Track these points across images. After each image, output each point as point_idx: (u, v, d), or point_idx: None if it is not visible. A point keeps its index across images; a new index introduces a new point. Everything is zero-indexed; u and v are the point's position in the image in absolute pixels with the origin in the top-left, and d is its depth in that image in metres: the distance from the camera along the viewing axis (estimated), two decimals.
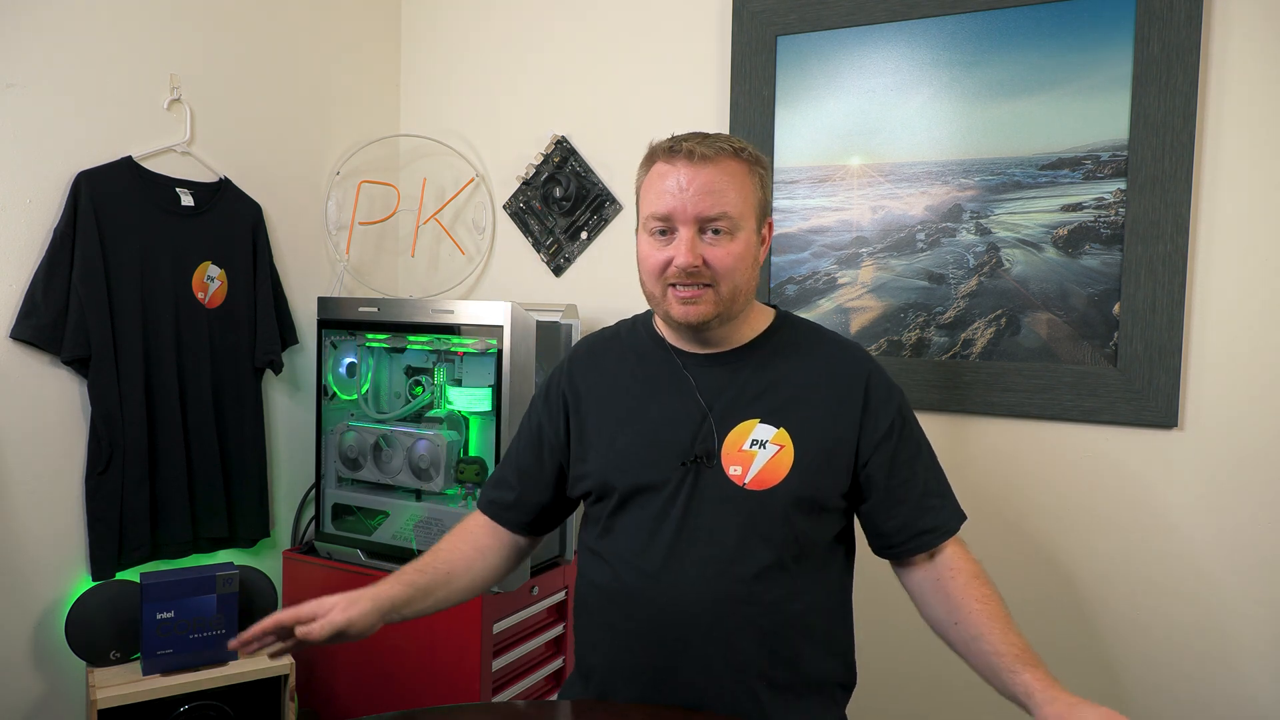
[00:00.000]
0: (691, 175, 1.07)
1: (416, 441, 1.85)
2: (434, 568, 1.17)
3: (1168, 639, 1.60)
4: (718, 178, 1.07)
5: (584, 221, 2.16)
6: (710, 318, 1.10)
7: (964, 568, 1.11)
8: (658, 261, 1.09)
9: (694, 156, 1.07)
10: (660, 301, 1.12)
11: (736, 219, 1.08)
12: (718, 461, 1.11)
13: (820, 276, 1.85)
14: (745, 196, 1.09)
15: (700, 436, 1.12)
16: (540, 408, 1.26)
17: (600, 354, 1.25)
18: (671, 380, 1.16)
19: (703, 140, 1.09)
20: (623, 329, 1.27)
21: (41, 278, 1.59)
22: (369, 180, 2.24)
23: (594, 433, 1.19)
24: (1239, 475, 1.54)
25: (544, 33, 2.18)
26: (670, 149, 1.10)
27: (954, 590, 1.09)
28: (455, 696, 1.72)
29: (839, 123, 1.82)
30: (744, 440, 1.11)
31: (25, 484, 1.60)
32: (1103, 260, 1.61)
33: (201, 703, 1.63)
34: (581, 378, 1.23)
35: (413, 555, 1.82)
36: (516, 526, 1.26)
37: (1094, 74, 1.60)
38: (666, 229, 1.09)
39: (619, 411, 1.18)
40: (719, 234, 1.08)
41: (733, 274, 1.08)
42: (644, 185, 1.13)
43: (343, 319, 1.94)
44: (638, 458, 1.14)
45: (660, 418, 1.15)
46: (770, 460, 1.10)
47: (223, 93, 1.91)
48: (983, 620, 1.04)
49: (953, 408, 1.74)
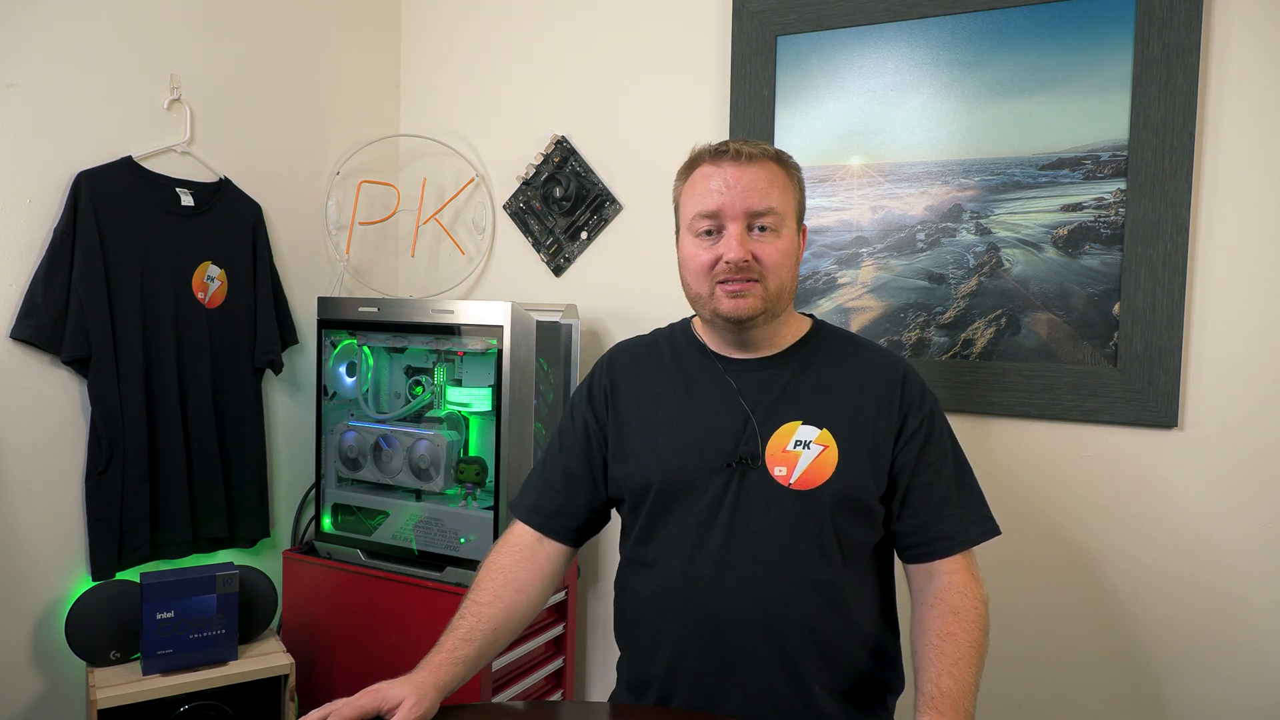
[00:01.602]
0: (738, 174, 1.10)
1: (416, 441, 1.85)
2: (480, 631, 1.11)
3: (1168, 638, 1.60)
4: (762, 175, 1.10)
5: (584, 221, 2.16)
6: (759, 313, 1.11)
7: (947, 600, 1.08)
8: (705, 260, 1.11)
9: (741, 156, 1.11)
10: (708, 300, 1.13)
11: (782, 215, 1.11)
12: (762, 463, 1.11)
13: (820, 276, 1.85)
14: (788, 197, 1.13)
15: (744, 439, 1.13)
16: (583, 407, 1.25)
17: (641, 359, 1.25)
18: (713, 384, 1.17)
19: (746, 142, 1.13)
20: (661, 336, 1.28)
21: (41, 278, 1.59)
22: (369, 180, 2.24)
23: (634, 434, 1.19)
24: (1239, 475, 1.54)
25: (544, 33, 2.18)
26: (717, 150, 1.13)
27: (926, 620, 1.08)
28: (455, 696, 1.72)
29: (839, 123, 1.82)
30: (788, 441, 1.12)
31: (25, 484, 1.60)
32: (1103, 260, 1.61)
33: (201, 703, 1.63)
34: (622, 379, 1.24)
35: (412, 555, 1.84)
36: (564, 534, 1.23)
37: (1094, 74, 1.60)
38: (714, 228, 1.11)
39: (661, 414, 1.18)
40: (765, 230, 1.11)
41: (780, 270, 1.11)
42: (686, 189, 1.16)
43: (343, 319, 1.94)
44: (680, 459, 1.14)
45: (703, 420, 1.15)
46: (815, 460, 1.11)
47: (223, 93, 1.91)
48: (930, 658, 1.04)
49: (953, 408, 1.73)
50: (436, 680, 1.04)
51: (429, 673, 1.05)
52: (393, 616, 1.83)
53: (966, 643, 1.04)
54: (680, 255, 1.17)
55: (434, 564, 1.82)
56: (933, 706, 0.98)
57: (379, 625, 1.85)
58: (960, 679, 1.00)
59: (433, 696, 1.02)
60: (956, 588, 1.09)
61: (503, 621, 1.14)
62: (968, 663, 1.02)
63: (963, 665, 1.02)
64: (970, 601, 1.08)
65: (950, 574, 1.11)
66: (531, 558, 1.20)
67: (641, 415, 1.20)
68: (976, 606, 1.08)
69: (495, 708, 1.25)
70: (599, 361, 1.29)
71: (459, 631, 1.11)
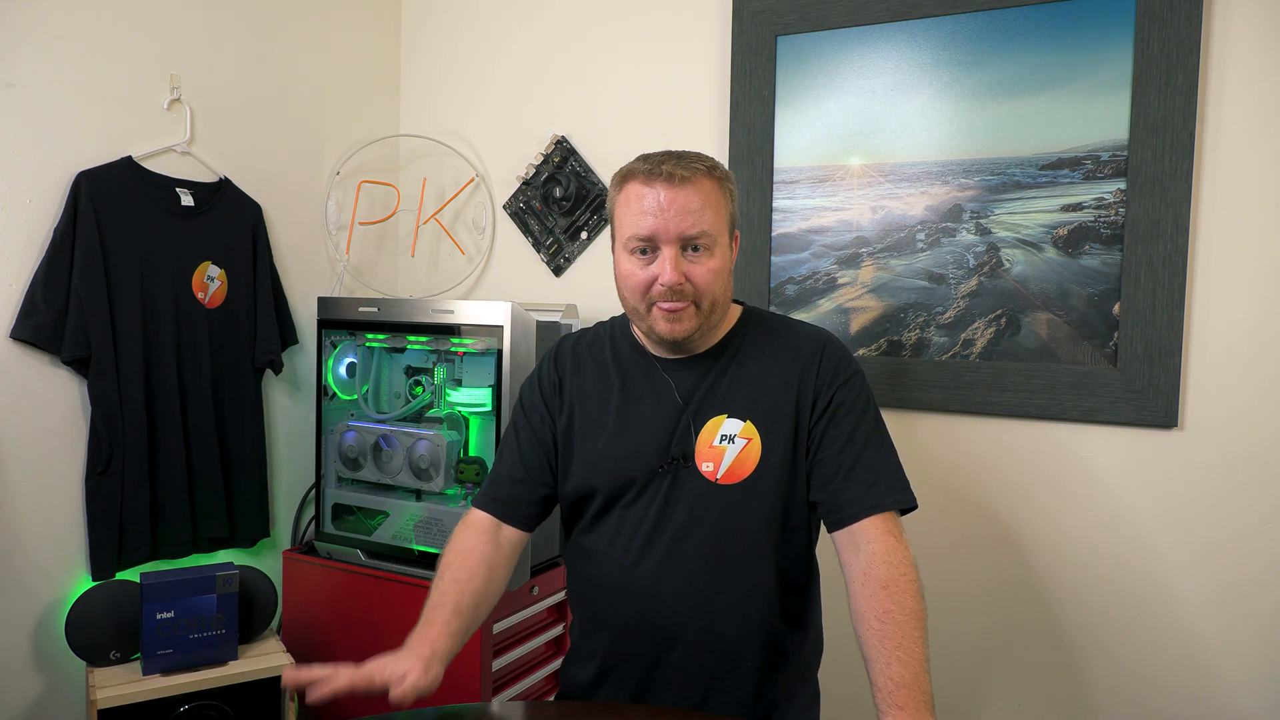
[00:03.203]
0: (671, 197, 1.10)
1: (416, 441, 1.85)
2: (467, 605, 1.13)
3: (1169, 638, 1.60)
4: (695, 197, 1.11)
5: (584, 221, 2.16)
6: (694, 332, 1.15)
7: (876, 574, 1.05)
8: (641, 280, 1.13)
9: (674, 179, 1.11)
10: (644, 317, 1.16)
11: (715, 235, 1.13)
12: (692, 460, 1.15)
13: (820, 276, 1.85)
14: (719, 214, 1.14)
15: (678, 437, 1.16)
16: (534, 398, 1.28)
17: (583, 354, 1.28)
18: (650, 384, 1.21)
19: (678, 161, 1.12)
20: (603, 330, 1.30)
21: (41, 278, 1.59)
22: (369, 180, 2.24)
23: (579, 435, 1.23)
24: (1239, 475, 1.54)
25: (544, 33, 2.18)
26: (649, 171, 1.12)
27: (861, 602, 1.06)
28: (455, 696, 1.72)
29: (839, 123, 1.82)
30: (714, 436, 1.16)
31: (25, 484, 1.60)
32: (1103, 260, 1.61)
33: (201, 703, 1.63)
34: (567, 374, 1.27)
35: (412, 555, 1.84)
36: (521, 520, 1.25)
37: (1094, 74, 1.60)
38: (648, 248, 1.13)
39: (602, 416, 1.22)
40: (699, 251, 1.12)
41: (712, 288, 1.13)
42: (620, 204, 1.16)
43: (343, 319, 1.94)
44: (618, 462, 1.18)
45: (640, 422, 1.19)
46: (740, 454, 1.14)
47: (223, 93, 1.91)
48: (874, 644, 1.02)
49: (953, 408, 1.74)
50: (436, 650, 1.05)
51: (428, 644, 1.06)
52: (393, 616, 1.83)
53: (904, 617, 1.02)
54: (616, 269, 1.18)
55: (434, 564, 1.80)
56: (892, 703, 0.96)
57: (379, 625, 1.85)
58: (909, 660, 0.99)
59: (436, 668, 1.03)
60: (881, 557, 1.06)
61: (482, 599, 1.16)
62: (912, 639, 1.01)
63: (908, 644, 1.00)
64: (898, 570, 1.05)
65: (873, 543, 1.08)
66: (494, 539, 1.22)
67: (584, 413, 1.23)
68: (906, 573, 1.05)
69: (496, 708, 1.25)
70: (545, 354, 1.32)
71: (447, 606, 1.12)
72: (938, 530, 1.74)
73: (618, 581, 1.18)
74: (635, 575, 1.16)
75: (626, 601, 1.17)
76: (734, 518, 1.14)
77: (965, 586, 1.74)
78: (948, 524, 1.75)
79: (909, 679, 0.98)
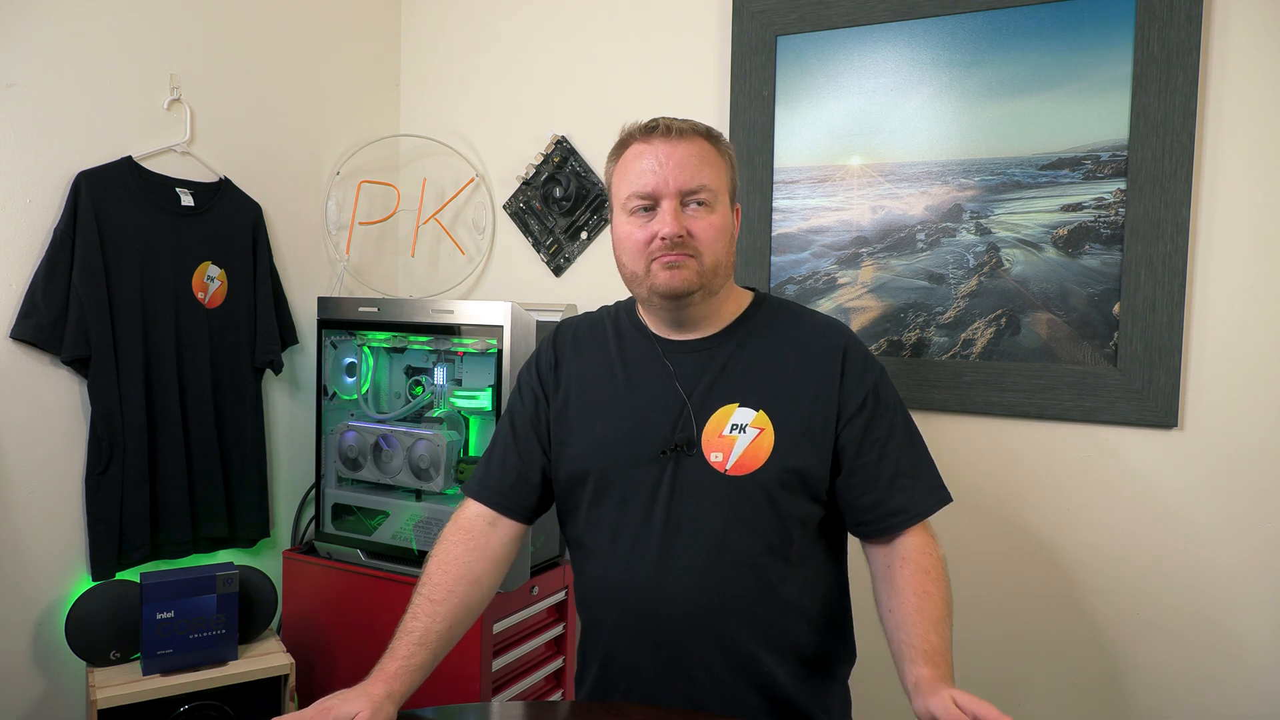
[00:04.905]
0: (670, 150, 1.10)
1: (416, 441, 1.85)
2: (435, 633, 1.09)
3: (1169, 638, 1.60)
4: (694, 152, 1.10)
5: (584, 221, 2.16)
6: (695, 287, 1.10)
7: (915, 560, 1.08)
8: (641, 238, 1.10)
9: (671, 132, 1.11)
10: (644, 278, 1.12)
11: (716, 191, 1.11)
12: (698, 449, 1.11)
13: (820, 276, 1.85)
14: (720, 173, 1.13)
15: (680, 425, 1.12)
16: (531, 381, 1.25)
17: (584, 337, 1.24)
18: (652, 368, 1.17)
19: (674, 120, 1.13)
20: (606, 314, 1.27)
21: (41, 278, 1.59)
22: (369, 180, 2.24)
23: (575, 417, 1.18)
24: (1239, 475, 1.54)
25: (544, 32, 2.18)
26: (647, 128, 1.12)
27: (898, 580, 1.08)
28: (455, 696, 1.72)
29: (839, 123, 1.82)
30: (724, 426, 1.11)
31: (25, 484, 1.60)
32: (1103, 260, 1.61)
33: (201, 703, 1.63)
34: (566, 356, 1.23)
35: (412, 555, 1.84)
36: (519, 512, 1.21)
37: (1094, 74, 1.60)
38: (649, 206, 1.10)
39: (600, 399, 1.18)
40: (700, 205, 1.10)
41: (714, 245, 1.10)
42: (618, 169, 1.15)
43: (343, 319, 1.94)
44: (616, 448, 1.14)
45: (640, 406, 1.15)
46: (751, 444, 1.10)
47: (223, 93, 1.91)
48: (911, 614, 1.03)
49: (953, 408, 1.74)
50: (391, 691, 1.02)
51: (384, 683, 1.02)
52: (393, 616, 1.80)
53: (941, 601, 1.05)
54: (615, 235, 1.15)
55: None
56: (927, 659, 0.98)
57: (379, 625, 1.85)
58: (944, 636, 1.01)
59: (389, 710, 1.00)
60: (921, 547, 1.09)
61: (458, 619, 1.12)
62: (946, 622, 1.03)
63: (943, 624, 1.02)
64: (936, 561, 1.09)
65: (912, 535, 1.11)
66: (485, 545, 1.18)
67: (581, 396, 1.19)
68: (941, 566, 1.09)
69: (496, 708, 1.25)
70: (545, 337, 1.28)
71: (413, 635, 1.08)
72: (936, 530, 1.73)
73: (620, 581, 1.12)
74: (640, 570, 1.11)
75: (628, 603, 1.12)
76: (746, 511, 1.09)
77: (964, 586, 1.74)
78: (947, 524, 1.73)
79: (943, 648, 1.00)
